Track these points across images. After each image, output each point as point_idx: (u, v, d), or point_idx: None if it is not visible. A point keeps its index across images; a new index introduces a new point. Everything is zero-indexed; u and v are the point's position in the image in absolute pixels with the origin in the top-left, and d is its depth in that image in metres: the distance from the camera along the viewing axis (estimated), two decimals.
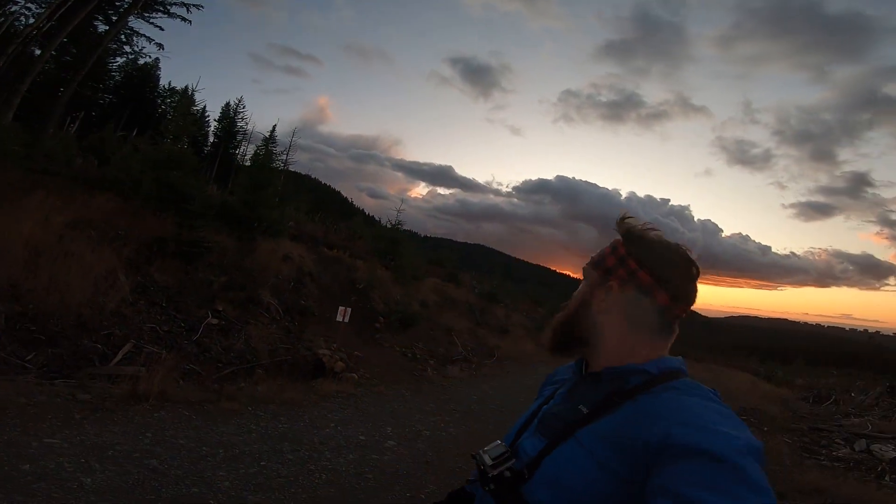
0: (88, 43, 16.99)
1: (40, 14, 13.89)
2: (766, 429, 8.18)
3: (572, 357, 0.89)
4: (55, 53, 14.97)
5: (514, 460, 0.79)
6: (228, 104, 35.11)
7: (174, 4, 18.66)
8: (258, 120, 77.17)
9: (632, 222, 0.84)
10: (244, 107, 35.25)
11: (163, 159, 8.41)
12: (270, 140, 10.49)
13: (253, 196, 9.65)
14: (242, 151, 33.99)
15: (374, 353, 8.68)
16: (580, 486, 0.70)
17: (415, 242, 16.82)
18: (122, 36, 19.86)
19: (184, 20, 18.89)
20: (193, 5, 18.89)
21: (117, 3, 17.37)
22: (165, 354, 5.62)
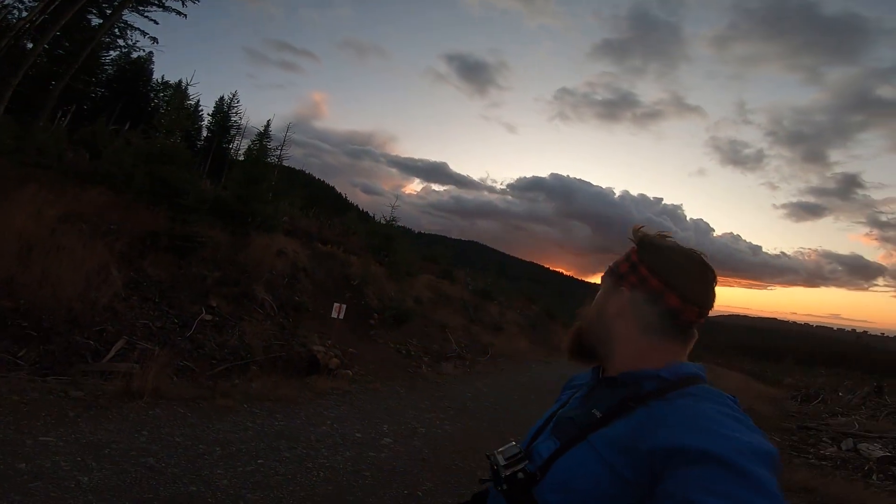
0: (81, 37, 16.68)
1: (33, 7, 13.65)
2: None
3: (591, 363, 0.90)
4: (47, 47, 14.70)
5: (528, 462, 0.81)
6: (223, 98, 34.93)
7: None
8: (252, 115, 76.98)
9: (645, 230, 0.86)
10: (238, 101, 35.13)
11: (155, 153, 8.31)
12: (265, 135, 10.40)
13: (247, 191, 9.57)
14: (236, 146, 33.84)
15: (369, 350, 8.67)
16: (590, 490, 0.70)
17: (409, 239, 16.80)
18: (116, 29, 19.52)
19: (179, 14, 18.62)
20: None
21: None
22: (158, 351, 5.57)
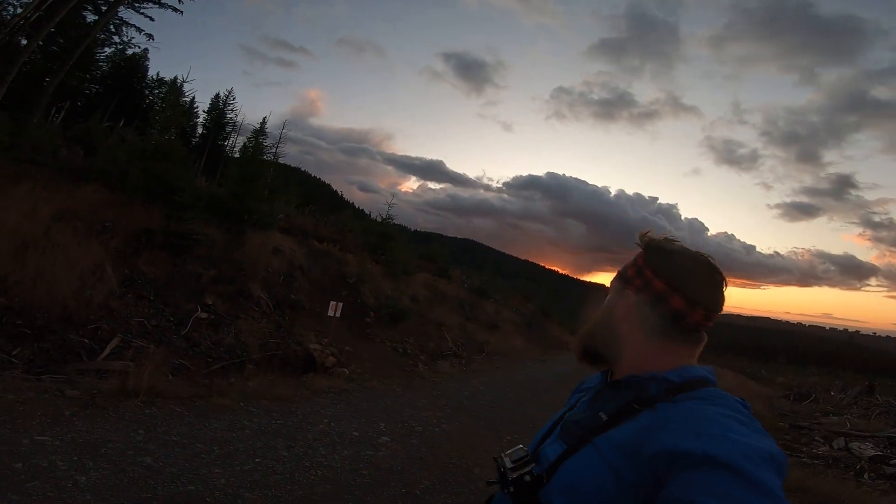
0: (76, 33, 16.49)
1: (28, 4, 13.50)
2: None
3: (600, 366, 0.90)
4: (42, 43, 14.55)
5: (535, 465, 0.81)
6: (218, 96, 34.74)
7: None
8: (248, 112, 76.50)
9: (652, 235, 0.87)
10: (234, 98, 34.95)
11: (150, 150, 8.25)
12: (261, 132, 10.33)
13: (243, 188, 9.52)
14: (231, 143, 33.67)
15: (365, 348, 8.66)
16: (595, 492, 0.70)
17: (405, 237, 16.78)
18: (112, 26, 19.33)
19: (175, 11, 18.45)
20: None
21: None
22: (154, 349, 5.55)
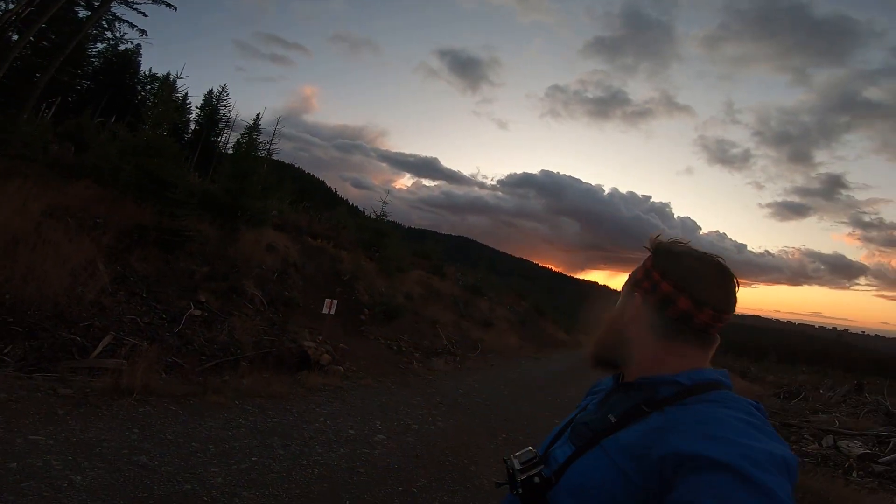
0: (68, 29, 16.25)
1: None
2: None
3: (613, 369, 0.90)
4: (33, 39, 14.31)
5: (544, 466, 0.81)
6: (211, 92, 34.40)
7: None
8: (242, 108, 76.07)
9: (661, 238, 0.87)
10: (227, 95, 34.61)
11: (143, 146, 8.16)
12: (254, 128, 10.24)
13: (236, 184, 9.44)
14: (224, 139, 33.39)
15: (360, 346, 8.65)
16: (602, 494, 0.71)
17: (399, 234, 16.76)
18: (104, 22, 19.09)
19: (168, 6, 18.24)
20: None
21: None
22: (147, 346, 5.50)
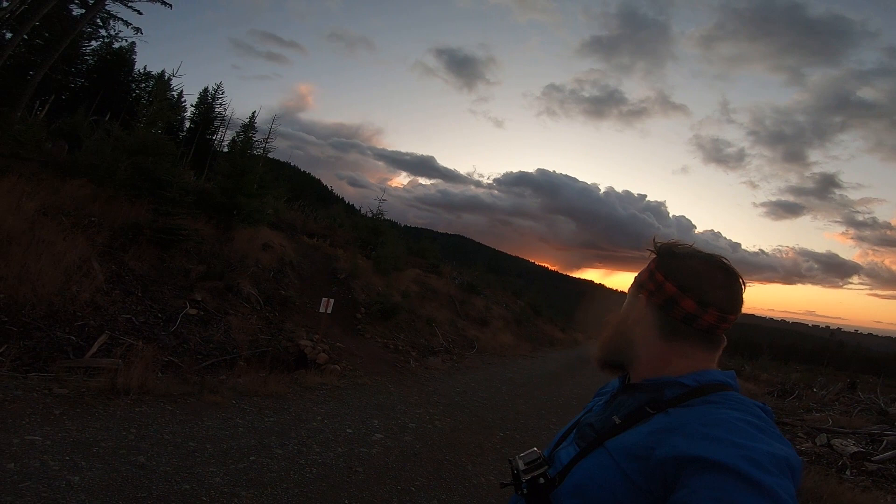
0: (62, 27, 16.11)
1: None
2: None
3: (620, 371, 0.91)
4: (27, 37, 14.17)
5: (548, 467, 0.82)
6: (207, 90, 34.17)
7: None
8: (237, 106, 75.71)
9: (666, 240, 0.88)
10: (223, 93, 34.42)
11: (137, 145, 8.10)
12: (250, 127, 10.18)
13: (232, 183, 9.39)
14: (220, 138, 33.20)
15: (356, 345, 8.64)
16: (604, 495, 0.71)
17: (396, 232, 16.75)
18: (98, 20, 18.92)
19: (164, 4, 18.11)
20: None
21: None
22: (143, 346, 5.47)
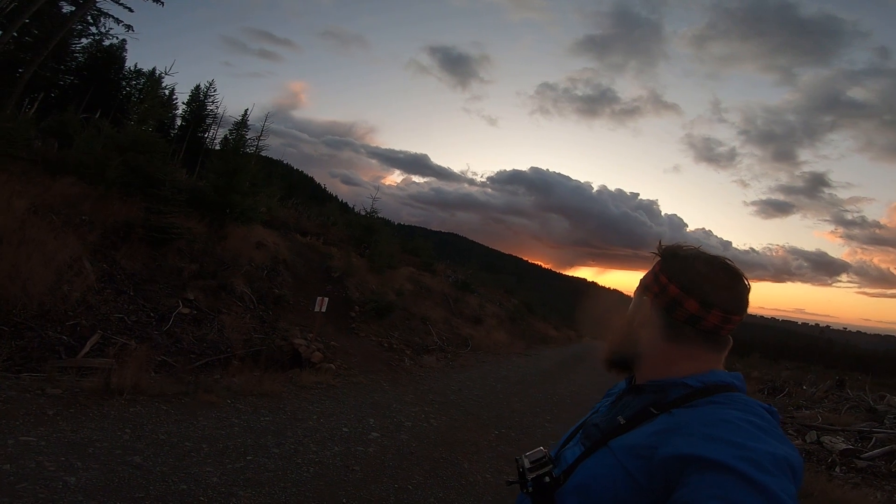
0: (52, 24, 15.90)
1: None
2: None
3: (626, 372, 0.92)
4: (16, 34, 13.96)
5: (553, 466, 0.84)
6: (199, 87, 33.91)
7: None
8: (229, 104, 75.33)
9: (670, 243, 0.89)
10: (215, 90, 34.19)
11: (128, 142, 8.01)
12: (242, 124, 10.12)
13: (224, 181, 9.32)
14: (212, 135, 32.96)
15: (351, 343, 8.63)
16: (607, 494, 0.72)
17: (389, 230, 16.73)
18: (89, 17, 18.72)
19: (156, 1, 17.94)
20: None
21: None
22: (136, 346, 5.44)
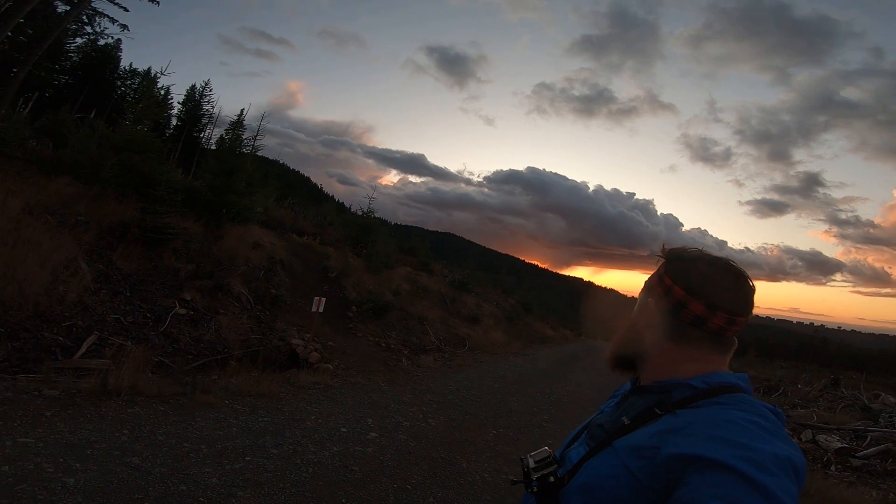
0: (46, 23, 15.79)
1: None
2: None
3: (631, 373, 0.93)
4: (10, 34, 13.87)
5: (557, 466, 0.85)
6: (194, 87, 33.77)
7: None
8: (226, 103, 74.95)
9: (674, 246, 0.90)
10: (211, 90, 34.06)
11: (124, 142, 7.98)
12: (239, 124, 10.08)
13: (221, 181, 9.29)
14: (207, 135, 32.83)
15: (348, 343, 8.63)
16: (610, 494, 0.73)
17: (386, 230, 16.72)
18: (84, 16, 18.58)
19: (152, 1, 17.82)
20: None
21: None
22: (133, 346, 5.41)
